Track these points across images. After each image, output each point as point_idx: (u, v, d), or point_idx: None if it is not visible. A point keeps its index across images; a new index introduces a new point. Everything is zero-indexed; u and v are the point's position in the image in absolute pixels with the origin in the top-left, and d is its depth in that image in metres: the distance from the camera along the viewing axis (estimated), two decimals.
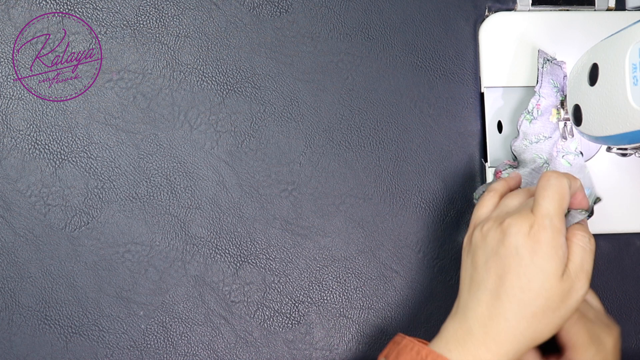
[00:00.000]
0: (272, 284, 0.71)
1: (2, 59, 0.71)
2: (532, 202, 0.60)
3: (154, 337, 0.70)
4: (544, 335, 0.59)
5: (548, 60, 0.72)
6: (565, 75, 0.72)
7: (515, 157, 0.72)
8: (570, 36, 0.74)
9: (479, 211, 0.65)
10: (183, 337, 0.70)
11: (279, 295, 0.71)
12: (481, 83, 0.74)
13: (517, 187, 0.69)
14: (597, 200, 0.71)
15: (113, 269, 0.70)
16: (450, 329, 0.60)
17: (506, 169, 0.71)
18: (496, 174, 0.71)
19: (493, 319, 0.58)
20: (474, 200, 0.70)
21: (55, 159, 0.70)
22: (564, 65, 0.72)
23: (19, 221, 0.70)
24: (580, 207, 0.64)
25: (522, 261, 0.58)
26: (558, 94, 0.72)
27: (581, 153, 0.74)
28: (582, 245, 0.60)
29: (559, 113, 0.72)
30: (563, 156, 0.72)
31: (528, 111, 0.71)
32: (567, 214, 0.63)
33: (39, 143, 0.70)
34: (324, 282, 0.72)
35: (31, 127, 0.70)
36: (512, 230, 0.59)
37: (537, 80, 0.72)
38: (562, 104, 0.72)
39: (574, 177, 0.62)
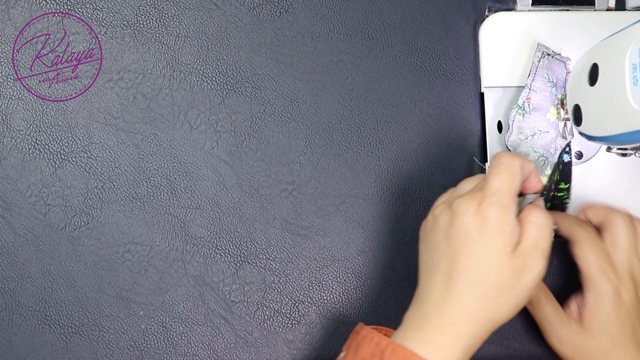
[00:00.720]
0: (272, 284, 0.71)
1: (2, 59, 0.71)
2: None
3: (154, 337, 0.70)
4: (501, 315, 0.57)
5: (548, 54, 0.72)
6: (569, 72, 0.72)
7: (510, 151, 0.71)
8: (570, 36, 0.74)
9: (437, 200, 0.63)
10: (183, 337, 0.70)
11: (279, 295, 0.71)
12: (481, 83, 0.74)
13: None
14: (566, 201, 0.71)
15: (113, 269, 0.70)
16: (409, 316, 0.59)
17: None
18: None
19: (447, 301, 0.57)
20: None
21: (55, 159, 0.70)
22: (569, 62, 0.72)
23: (19, 221, 0.70)
24: (535, 191, 0.63)
25: (471, 240, 0.57)
26: (553, 89, 0.72)
27: (579, 154, 0.74)
28: (538, 222, 0.58)
29: (559, 113, 0.72)
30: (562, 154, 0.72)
31: (519, 105, 0.71)
32: (522, 198, 0.63)
33: (39, 143, 0.70)
34: (324, 282, 0.72)
35: (31, 127, 0.70)
36: (461, 209, 0.58)
37: (530, 74, 0.72)
38: (562, 103, 0.72)
39: (527, 160, 0.61)
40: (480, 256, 0.57)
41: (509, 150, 0.71)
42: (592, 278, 0.63)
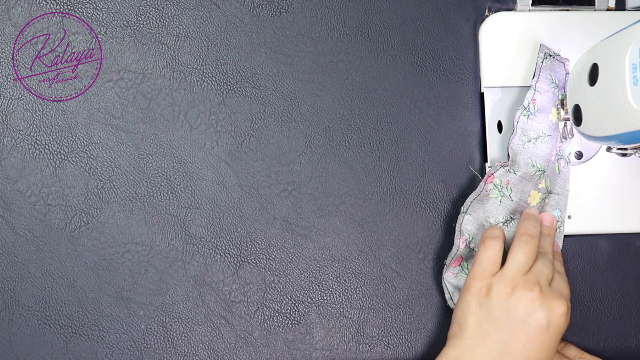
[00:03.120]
0: (272, 284, 0.71)
1: (2, 59, 0.71)
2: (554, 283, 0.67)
3: (154, 337, 0.70)
4: None
5: (550, 55, 0.72)
6: (567, 73, 0.72)
7: (509, 156, 0.71)
8: (570, 36, 0.74)
9: (487, 261, 0.68)
10: (183, 337, 0.70)
11: (279, 295, 0.71)
12: (481, 83, 0.74)
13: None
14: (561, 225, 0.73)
15: (113, 269, 0.70)
16: None
17: (497, 170, 0.71)
18: (487, 178, 0.70)
19: None
20: (462, 212, 0.70)
21: (55, 159, 0.70)
22: (567, 63, 0.72)
23: (19, 221, 0.70)
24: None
25: (543, 335, 0.64)
26: (556, 90, 0.72)
27: (579, 154, 0.74)
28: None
29: (559, 113, 0.72)
30: (558, 160, 0.72)
31: (524, 106, 0.71)
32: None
33: (39, 143, 0.70)
34: (324, 282, 0.72)
35: (31, 127, 0.70)
36: (546, 306, 0.64)
37: (534, 75, 0.72)
38: (562, 103, 0.72)
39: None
40: (541, 350, 0.64)
41: (508, 154, 0.71)
42: None
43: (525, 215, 0.70)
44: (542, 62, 0.72)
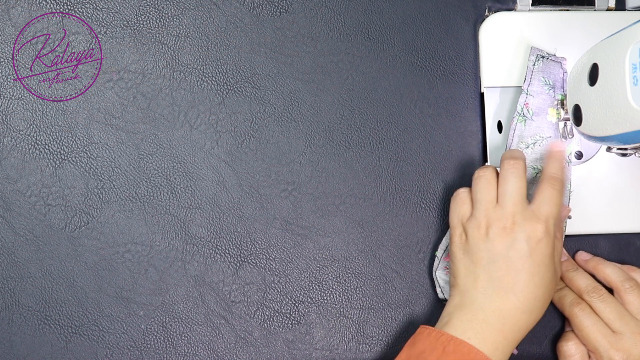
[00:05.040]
0: (272, 284, 0.71)
1: (2, 59, 0.71)
2: (534, 204, 0.66)
3: (154, 337, 0.70)
4: (539, 315, 0.66)
5: (543, 57, 0.72)
6: (566, 72, 0.72)
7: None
8: (570, 36, 0.74)
9: (456, 201, 0.69)
10: (183, 337, 0.70)
11: (279, 295, 0.71)
12: (481, 83, 0.74)
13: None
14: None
15: (113, 269, 0.70)
16: (463, 319, 0.64)
17: None
18: None
19: (511, 312, 0.64)
20: (436, 257, 0.71)
21: (55, 159, 0.70)
22: (565, 62, 0.72)
23: (19, 221, 0.70)
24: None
25: (528, 262, 0.64)
26: (551, 91, 0.72)
27: (579, 154, 0.74)
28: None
29: (558, 113, 0.72)
30: None
31: (518, 113, 0.71)
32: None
33: (39, 143, 0.70)
34: (324, 282, 0.72)
35: (31, 127, 0.70)
36: (521, 236, 0.65)
37: (525, 79, 0.72)
38: (562, 103, 0.72)
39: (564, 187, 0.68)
40: (532, 277, 0.64)
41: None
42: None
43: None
44: (533, 65, 0.72)
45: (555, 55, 0.72)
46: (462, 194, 0.69)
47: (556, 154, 0.68)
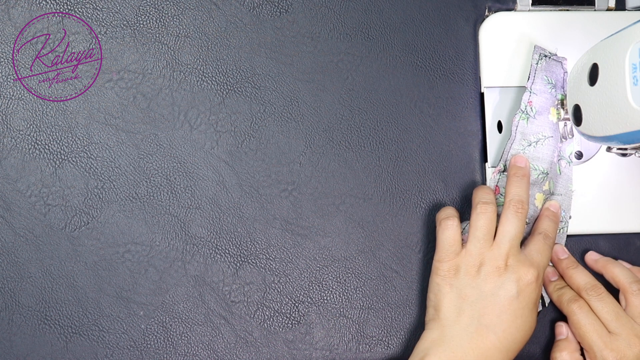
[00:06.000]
0: (272, 284, 0.71)
1: (2, 59, 0.71)
2: (526, 251, 0.68)
3: (154, 337, 0.70)
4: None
5: (545, 56, 0.72)
6: (566, 72, 0.72)
7: (505, 166, 0.71)
8: (570, 36, 0.74)
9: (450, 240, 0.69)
10: (183, 337, 0.70)
11: (279, 295, 0.71)
12: (481, 83, 0.74)
13: None
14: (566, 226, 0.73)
15: (113, 269, 0.70)
16: (441, 356, 0.65)
17: (498, 179, 0.71)
18: (495, 191, 0.71)
19: (490, 351, 0.65)
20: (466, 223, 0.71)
21: (55, 159, 0.70)
22: (565, 62, 0.72)
23: (19, 221, 0.70)
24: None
25: (514, 305, 0.66)
26: (553, 90, 0.72)
27: (579, 154, 0.74)
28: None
29: (558, 113, 0.72)
30: (559, 160, 0.72)
31: (522, 110, 0.71)
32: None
33: (39, 143, 0.70)
34: (324, 282, 0.72)
35: (31, 127, 0.70)
36: (513, 277, 0.66)
37: (529, 77, 0.72)
38: (562, 103, 0.72)
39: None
40: (514, 319, 0.66)
41: (501, 158, 0.71)
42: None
43: (479, 187, 0.70)
44: (536, 64, 0.72)
45: (556, 55, 0.72)
46: (451, 226, 0.68)
47: (551, 214, 0.70)
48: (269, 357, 0.71)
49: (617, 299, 0.69)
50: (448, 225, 0.68)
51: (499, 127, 0.74)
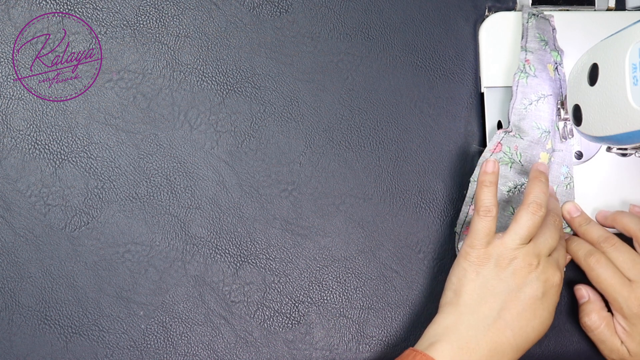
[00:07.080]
0: (272, 284, 0.71)
1: (2, 59, 0.71)
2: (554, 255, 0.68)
3: (154, 337, 0.70)
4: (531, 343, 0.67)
5: (534, 14, 0.72)
6: (554, 29, 0.73)
7: (510, 121, 0.71)
8: (570, 36, 0.74)
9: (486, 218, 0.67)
10: (183, 337, 0.70)
11: (279, 295, 0.71)
12: (481, 83, 0.74)
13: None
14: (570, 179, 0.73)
15: (113, 269, 0.70)
16: (454, 345, 0.64)
17: (502, 137, 0.71)
18: (495, 147, 0.70)
19: (503, 346, 0.64)
20: (472, 181, 0.70)
21: (55, 159, 0.70)
22: (552, 19, 0.73)
23: (19, 221, 0.70)
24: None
25: (536, 304, 0.65)
26: (546, 47, 0.72)
27: (579, 154, 0.74)
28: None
29: (555, 70, 0.72)
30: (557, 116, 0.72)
31: (520, 69, 0.71)
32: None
33: (39, 143, 0.70)
34: (324, 282, 0.72)
35: (31, 127, 0.70)
36: (543, 277, 0.66)
37: (522, 36, 0.72)
38: (562, 103, 0.72)
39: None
40: (533, 318, 0.65)
41: (509, 119, 0.71)
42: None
43: (535, 175, 0.68)
44: (527, 22, 0.72)
45: (543, 13, 0.73)
46: (491, 218, 0.66)
47: (550, 190, 0.71)
48: (269, 357, 0.71)
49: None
50: (487, 216, 0.66)
51: (499, 127, 0.74)
